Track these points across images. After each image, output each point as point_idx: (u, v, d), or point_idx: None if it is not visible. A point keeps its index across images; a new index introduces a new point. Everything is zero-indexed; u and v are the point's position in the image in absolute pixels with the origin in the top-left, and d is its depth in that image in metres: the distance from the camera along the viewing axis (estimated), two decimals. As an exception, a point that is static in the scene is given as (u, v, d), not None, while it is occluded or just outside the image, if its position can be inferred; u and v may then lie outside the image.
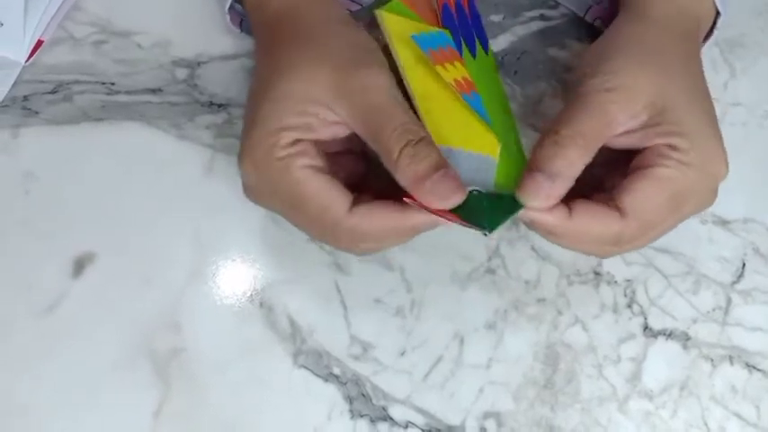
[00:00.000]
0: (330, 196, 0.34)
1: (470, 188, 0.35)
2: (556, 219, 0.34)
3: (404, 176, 0.33)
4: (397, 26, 0.37)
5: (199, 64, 0.46)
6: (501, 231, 0.44)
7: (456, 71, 0.37)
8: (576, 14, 0.48)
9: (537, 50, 0.48)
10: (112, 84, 0.46)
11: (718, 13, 0.41)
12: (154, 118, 0.45)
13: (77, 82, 0.46)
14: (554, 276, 0.43)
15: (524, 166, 0.35)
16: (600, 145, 0.34)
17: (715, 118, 0.37)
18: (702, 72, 0.39)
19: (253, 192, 0.37)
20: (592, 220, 0.35)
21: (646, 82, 0.35)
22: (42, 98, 0.45)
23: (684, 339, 0.42)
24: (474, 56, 0.40)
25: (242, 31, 0.45)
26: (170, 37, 0.47)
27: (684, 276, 0.43)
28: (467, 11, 0.41)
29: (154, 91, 0.46)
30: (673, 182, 0.35)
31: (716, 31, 0.42)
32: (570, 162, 0.33)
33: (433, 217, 0.34)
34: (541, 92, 0.47)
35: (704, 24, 0.41)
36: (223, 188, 0.43)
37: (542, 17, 0.49)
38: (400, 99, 0.35)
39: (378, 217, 0.34)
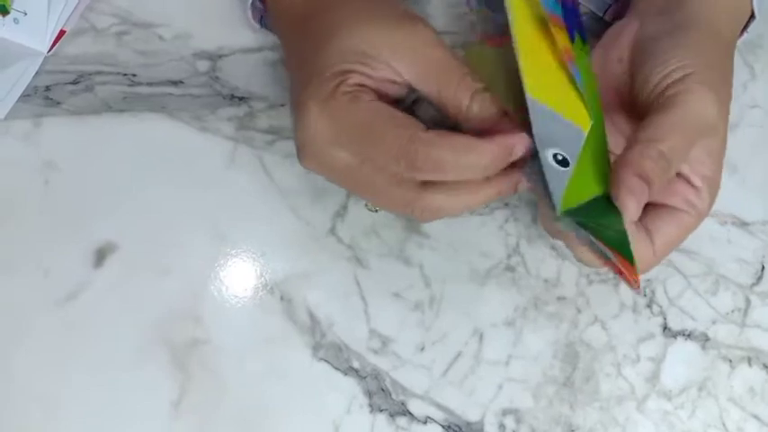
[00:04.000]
0: (406, 117, 0.34)
1: (555, 151, 0.33)
2: (648, 254, 0.34)
3: (475, 123, 0.34)
4: None
5: (220, 57, 0.46)
6: (520, 229, 0.44)
7: (564, 39, 0.36)
8: (595, 13, 0.48)
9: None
10: (134, 75, 0.46)
11: (752, 17, 0.41)
12: (175, 110, 0.45)
13: (99, 73, 0.46)
14: (574, 275, 0.43)
15: (607, 162, 0.34)
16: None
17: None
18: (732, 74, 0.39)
19: (313, 144, 0.35)
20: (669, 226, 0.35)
21: (713, 93, 0.35)
22: (64, 88, 0.45)
23: (703, 340, 0.42)
24: (572, 40, 0.39)
25: (261, 26, 0.45)
26: (191, 29, 0.47)
27: (704, 277, 0.43)
28: None
29: (175, 83, 0.46)
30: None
31: (746, 34, 0.42)
32: (667, 177, 0.33)
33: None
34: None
35: (740, 25, 0.41)
36: (244, 180, 0.43)
37: (564, 16, 0.49)
38: (455, 52, 0.35)
39: (455, 139, 0.33)
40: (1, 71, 0.44)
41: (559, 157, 0.33)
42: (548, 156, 0.33)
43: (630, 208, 0.32)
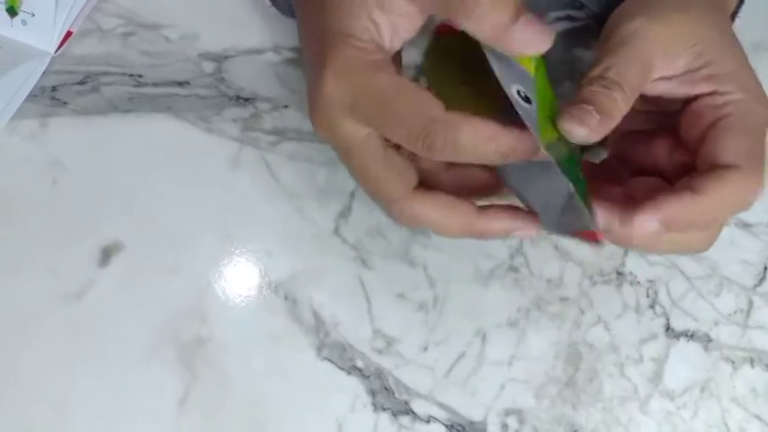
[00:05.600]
0: (428, 95, 0.33)
1: (517, 87, 0.33)
2: (684, 201, 0.32)
3: (486, 23, 0.32)
4: None
5: (226, 58, 0.47)
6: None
7: None
8: (602, 16, 0.48)
9: (562, 51, 0.48)
10: (140, 76, 0.46)
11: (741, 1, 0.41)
12: (181, 110, 0.45)
13: (105, 73, 0.46)
14: (577, 276, 0.43)
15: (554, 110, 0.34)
16: (640, 90, 0.34)
17: (748, 63, 0.37)
18: (732, 28, 0.38)
19: (327, 112, 0.34)
20: (721, 184, 0.33)
21: (683, 27, 0.35)
22: (71, 89, 0.45)
23: (706, 341, 0.42)
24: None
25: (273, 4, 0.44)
26: (197, 30, 0.47)
27: (707, 279, 0.44)
28: None
29: (181, 84, 0.46)
30: (742, 123, 0.34)
31: (738, 20, 0.41)
32: (618, 105, 0.33)
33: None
34: (565, 92, 0.47)
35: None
36: (249, 181, 0.44)
37: (569, 18, 0.49)
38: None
39: (477, 124, 0.32)
40: (9, 71, 0.45)
41: (522, 95, 0.33)
42: (513, 92, 0.32)
43: (572, 130, 0.32)
